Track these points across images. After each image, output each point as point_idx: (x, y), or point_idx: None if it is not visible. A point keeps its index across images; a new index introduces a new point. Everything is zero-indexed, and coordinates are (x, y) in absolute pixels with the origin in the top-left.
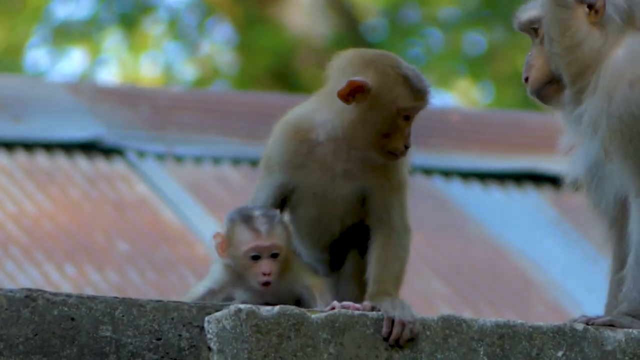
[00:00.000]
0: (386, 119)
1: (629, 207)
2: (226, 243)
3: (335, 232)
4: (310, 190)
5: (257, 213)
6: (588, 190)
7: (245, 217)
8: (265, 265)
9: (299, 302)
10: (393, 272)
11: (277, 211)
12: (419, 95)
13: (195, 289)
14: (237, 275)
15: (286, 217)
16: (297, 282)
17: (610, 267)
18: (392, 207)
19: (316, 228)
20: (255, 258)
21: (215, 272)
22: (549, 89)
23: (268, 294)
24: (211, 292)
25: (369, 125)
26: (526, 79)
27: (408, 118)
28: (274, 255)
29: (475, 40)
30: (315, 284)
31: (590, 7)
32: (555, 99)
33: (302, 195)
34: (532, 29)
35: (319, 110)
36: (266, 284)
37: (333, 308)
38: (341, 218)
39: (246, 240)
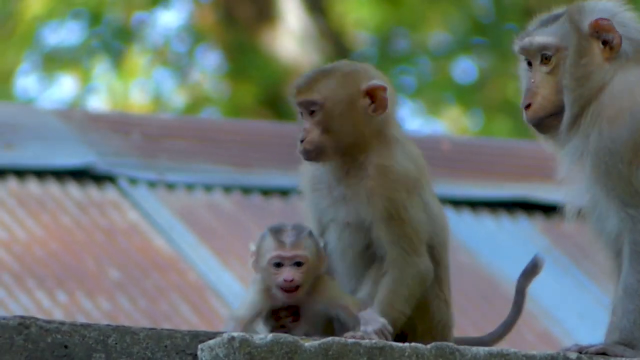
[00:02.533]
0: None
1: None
2: (256, 256)
3: (348, 262)
4: (317, 215)
5: (286, 226)
6: (590, 222)
7: (273, 230)
8: (287, 272)
9: (332, 326)
10: (387, 300)
11: (308, 227)
12: (295, 90)
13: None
14: (269, 298)
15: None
16: (331, 304)
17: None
18: (387, 239)
19: (331, 257)
20: (278, 266)
21: (248, 297)
22: (552, 120)
23: (303, 316)
24: (243, 323)
25: None
26: (527, 106)
27: (302, 114)
28: (298, 264)
29: (465, 67)
30: (352, 304)
31: (605, 43)
32: (555, 131)
33: (316, 221)
34: (543, 55)
35: None
36: (289, 290)
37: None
38: (349, 248)
39: (270, 249)
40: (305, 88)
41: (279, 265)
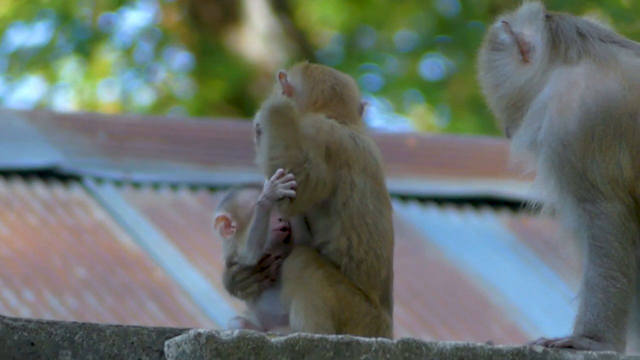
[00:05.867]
0: None
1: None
2: (231, 215)
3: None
4: None
5: (247, 182)
6: (553, 215)
7: (242, 185)
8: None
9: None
10: None
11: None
12: None
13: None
14: None
15: None
16: None
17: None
18: None
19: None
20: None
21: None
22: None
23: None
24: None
25: None
26: None
27: None
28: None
29: (432, 65)
30: None
31: (519, 48)
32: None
33: None
34: None
35: None
36: (284, 229)
37: None
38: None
39: (253, 195)
40: None
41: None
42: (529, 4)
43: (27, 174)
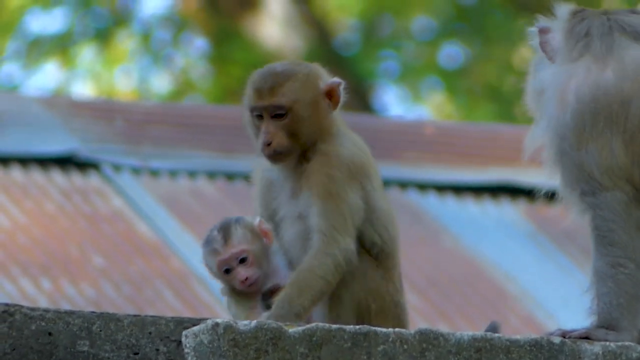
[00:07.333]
0: (248, 121)
1: None
2: (208, 272)
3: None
4: (268, 213)
5: (214, 232)
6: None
7: (205, 243)
8: (238, 273)
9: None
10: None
11: (234, 218)
12: (257, 93)
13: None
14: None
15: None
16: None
17: None
18: (319, 211)
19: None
20: (228, 271)
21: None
22: None
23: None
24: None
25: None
26: None
27: (261, 117)
28: (243, 261)
29: (450, 53)
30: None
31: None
32: None
33: (268, 219)
34: None
35: None
36: (250, 286)
37: None
38: (305, 240)
39: (212, 262)
40: (269, 92)
41: (228, 270)
42: (561, 5)
43: (45, 162)
